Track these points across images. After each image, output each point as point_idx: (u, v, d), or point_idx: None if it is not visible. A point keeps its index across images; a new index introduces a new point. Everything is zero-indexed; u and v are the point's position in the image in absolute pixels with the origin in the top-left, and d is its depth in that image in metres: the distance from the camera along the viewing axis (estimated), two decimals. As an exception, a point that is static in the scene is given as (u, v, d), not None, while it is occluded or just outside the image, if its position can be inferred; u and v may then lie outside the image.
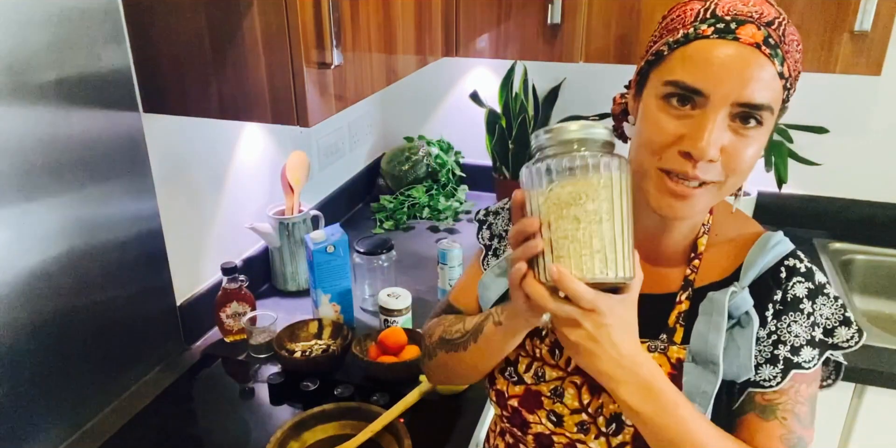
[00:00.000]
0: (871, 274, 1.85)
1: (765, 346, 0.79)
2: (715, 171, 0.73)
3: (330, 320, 1.42)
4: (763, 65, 0.70)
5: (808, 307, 0.80)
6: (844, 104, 1.85)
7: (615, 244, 0.66)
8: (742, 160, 0.73)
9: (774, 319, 0.80)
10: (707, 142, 0.70)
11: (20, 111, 0.97)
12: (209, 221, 1.48)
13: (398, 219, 2.02)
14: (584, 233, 0.66)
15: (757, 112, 0.71)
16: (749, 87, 0.70)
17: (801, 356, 0.79)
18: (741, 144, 0.72)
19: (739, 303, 0.78)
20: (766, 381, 0.79)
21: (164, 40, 1.10)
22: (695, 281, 0.83)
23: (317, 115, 1.10)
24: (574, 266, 0.66)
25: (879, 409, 1.46)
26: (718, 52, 0.71)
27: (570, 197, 0.66)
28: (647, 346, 0.81)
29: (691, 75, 0.71)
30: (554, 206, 0.66)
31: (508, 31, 1.62)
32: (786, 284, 0.80)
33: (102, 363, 1.19)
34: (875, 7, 1.37)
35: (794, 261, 0.81)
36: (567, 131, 0.68)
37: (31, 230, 1.02)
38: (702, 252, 0.84)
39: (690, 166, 0.72)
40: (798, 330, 0.79)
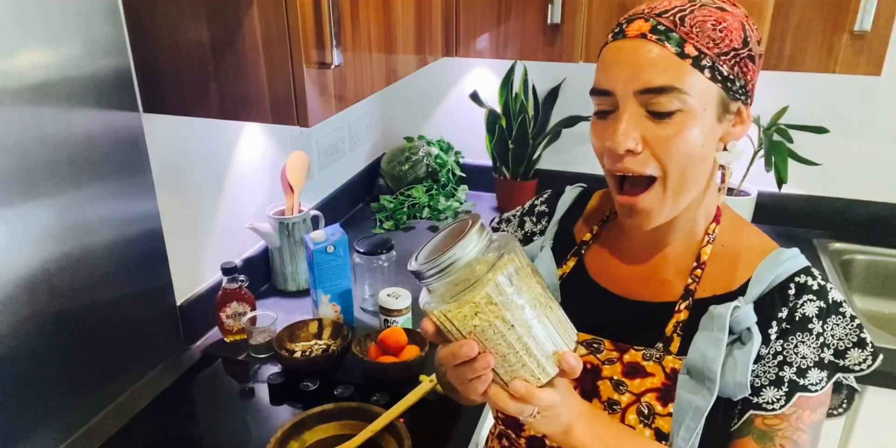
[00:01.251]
0: (871, 274, 1.85)
1: (769, 367, 0.77)
2: (650, 164, 0.74)
3: (330, 320, 1.42)
4: (651, 49, 0.72)
5: (817, 327, 0.77)
6: (844, 104, 1.85)
7: (527, 349, 0.65)
8: (671, 150, 0.73)
9: (781, 339, 0.77)
10: (619, 132, 0.73)
11: (20, 111, 0.97)
12: (209, 221, 1.48)
13: (398, 219, 2.02)
14: (496, 354, 0.65)
15: (661, 97, 0.72)
16: (643, 74, 0.72)
17: (807, 379, 0.76)
18: (663, 131, 0.73)
19: (741, 318, 0.76)
20: (768, 403, 0.77)
21: (164, 40, 1.10)
22: (696, 291, 0.82)
23: (317, 115, 1.10)
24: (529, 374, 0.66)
25: (879, 409, 1.46)
26: (612, 52, 0.75)
27: (460, 327, 0.64)
28: (643, 354, 0.81)
29: (599, 79, 0.76)
30: (452, 336, 0.65)
31: (508, 31, 1.62)
32: (794, 302, 0.78)
33: (102, 363, 1.19)
34: (875, 7, 1.37)
35: (807, 278, 0.79)
36: (429, 263, 0.63)
37: (31, 230, 1.02)
38: (705, 262, 0.83)
39: (618, 160, 0.75)
40: (805, 351, 0.77)
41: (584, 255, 0.91)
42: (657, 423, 0.79)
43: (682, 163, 0.74)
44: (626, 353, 0.82)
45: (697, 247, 0.84)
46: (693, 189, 0.77)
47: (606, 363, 0.83)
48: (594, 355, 0.83)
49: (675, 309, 0.82)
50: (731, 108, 0.76)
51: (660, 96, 0.72)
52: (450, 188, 2.14)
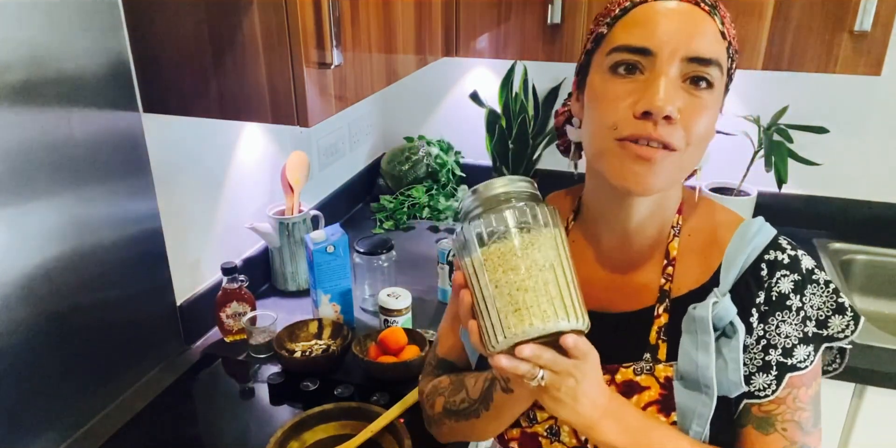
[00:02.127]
0: (871, 274, 1.85)
1: (755, 354, 0.75)
2: (678, 135, 0.69)
3: (330, 320, 1.42)
4: (706, 19, 0.70)
5: (795, 302, 0.75)
6: (844, 104, 1.85)
7: (570, 290, 0.64)
8: (699, 124, 0.69)
9: (761, 323, 0.75)
10: (664, 96, 0.67)
11: (20, 111, 0.97)
12: (209, 221, 1.48)
13: (398, 219, 2.02)
14: (538, 281, 0.63)
15: (707, 68, 0.69)
16: (696, 40, 0.68)
17: (794, 357, 0.75)
18: (695, 106, 0.69)
19: (722, 314, 0.73)
20: (760, 390, 0.75)
21: (164, 40, 1.10)
22: (671, 291, 0.78)
23: (317, 115, 1.10)
24: (535, 316, 0.62)
25: (879, 409, 1.46)
26: (660, 11, 0.69)
27: (514, 249, 0.64)
28: (633, 369, 0.78)
29: (635, 36, 0.69)
30: (499, 261, 0.64)
31: (508, 31, 1.62)
32: (769, 282, 0.75)
33: (102, 363, 1.19)
34: (875, 7, 1.37)
35: (776, 253, 0.76)
36: (492, 188, 0.68)
37: (31, 230, 1.02)
38: (675, 257, 0.79)
39: (651, 126, 0.68)
40: (788, 329, 0.75)
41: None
42: None
43: (701, 139, 0.71)
44: (616, 373, 0.78)
45: (665, 243, 0.80)
46: (691, 168, 0.75)
47: None
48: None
49: (654, 314, 0.78)
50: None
51: (708, 67, 0.69)
52: (450, 188, 2.14)
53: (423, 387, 0.96)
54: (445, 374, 0.93)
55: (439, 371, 0.95)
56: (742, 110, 1.90)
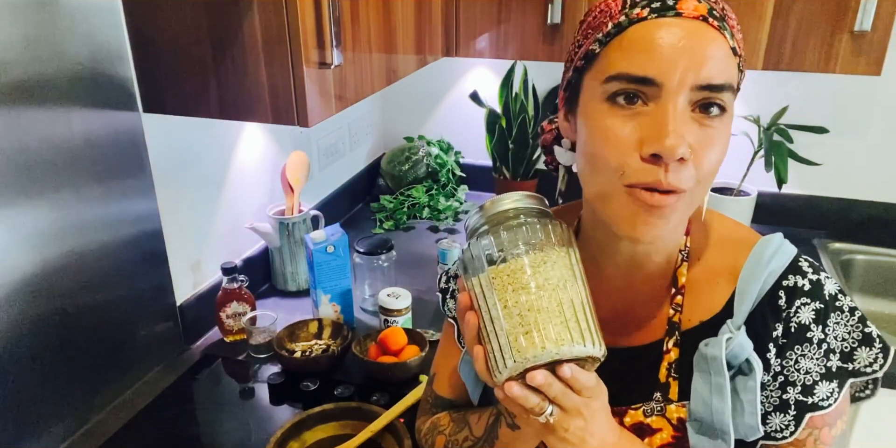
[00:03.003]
0: (871, 274, 1.85)
1: (771, 392, 0.68)
2: (689, 174, 0.60)
3: (330, 320, 1.42)
4: (715, 39, 0.60)
5: (817, 334, 0.67)
6: (844, 104, 1.85)
7: (585, 312, 0.59)
8: (711, 158, 0.61)
9: (778, 357, 0.67)
10: (675, 136, 0.58)
11: (20, 111, 0.97)
12: (209, 221, 1.48)
13: (398, 219, 2.02)
14: (551, 301, 0.58)
15: (720, 94, 0.60)
16: (707, 66, 0.59)
17: (815, 395, 0.67)
18: (708, 139, 0.60)
19: (737, 351, 0.66)
20: (777, 431, 0.68)
21: (164, 40, 1.10)
22: (681, 322, 0.71)
23: (317, 115, 1.10)
24: (548, 339, 0.57)
25: (879, 409, 1.46)
26: (662, 32, 0.59)
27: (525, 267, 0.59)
28: (643, 411, 0.71)
29: (636, 64, 0.59)
30: (508, 280, 0.59)
31: (508, 31, 1.62)
32: (787, 312, 0.67)
33: (102, 363, 1.19)
34: (875, 7, 1.37)
35: (795, 278, 0.67)
36: (500, 205, 0.63)
37: (31, 230, 1.02)
38: (683, 285, 0.71)
39: (662, 173, 0.59)
40: (808, 365, 0.67)
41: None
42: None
43: (711, 173, 0.63)
44: (625, 416, 0.72)
45: (673, 269, 0.72)
46: (700, 201, 0.66)
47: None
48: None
49: (663, 349, 0.71)
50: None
51: (721, 93, 0.60)
52: (450, 188, 2.14)
53: (421, 425, 0.90)
54: (445, 412, 0.87)
55: (437, 409, 0.89)
56: (742, 110, 1.90)
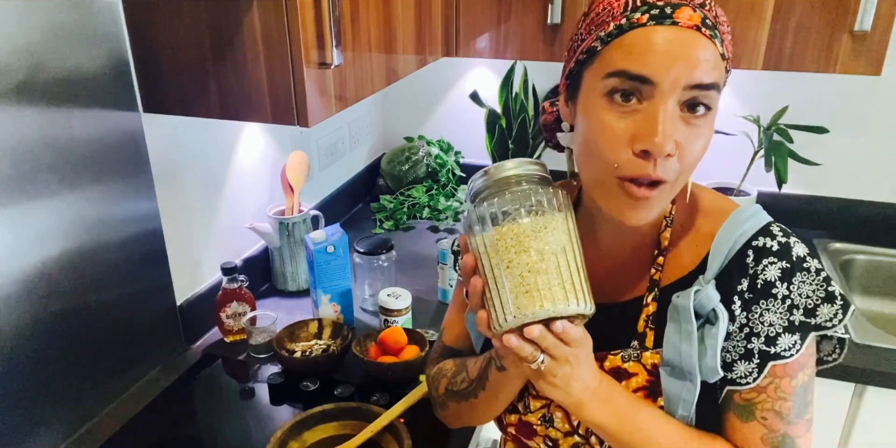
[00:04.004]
0: (871, 274, 1.85)
1: (738, 342, 0.75)
2: (674, 168, 0.69)
3: (330, 320, 1.42)
4: (706, 46, 0.67)
5: (782, 290, 0.73)
6: (844, 104, 1.85)
7: (580, 275, 0.66)
8: (694, 152, 0.69)
9: (745, 311, 0.74)
10: (663, 135, 0.66)
11: (20, 111, 0.97)
12: (209, 221, 1.48)
13: (398, 219, 2.02)
14: (550, 264, 0.64)
15: (706, 93, 0.67)
16: (698, 69, 0.66)
17: (778, 346, 0.73)
18: (692, 136, 0.69)
19: (704, 301, 0.73)
20: (741, 378, 0.75)
21: (164, 40, 1.10)
22: (661, 280, 0.79)
23: (317, 115, 1.10)
24: (546, 298, 0.64)
25: (879, 409, 1.46)
26: (660, 38, 0.67)
27: (527, 231, 0.65)
28: (621, 356, 0.79)
29: (634, 63, 0.67)
30: (511, 242, 0.65)
31: (508, 31, 1.62)
32: (754, 269, 0.74)
33: (102, 363, 1.19)
34: (875, 7, 1.37)
35: (765, 239, 0.74)
36: (504, 170, 0.68)
37: (31, 230, 1.02)
38: (666, 248, 0.79)
39: (651, 166, 0.68)
40: (772, 318, 0.74)
41: None
42: None
43: (694, 164, 0.71)
44: (605, 360, 0.80)
45: (657, 233, 0.80)
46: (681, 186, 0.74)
47: None
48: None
49: (643, 303, 0.79)
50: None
51: (708, 92, 0.68)
52: (450, 188, 2.14)
53: (430, 371, 0.99)
54: (450, 359, 0.95)
55: (444, 358, 0.98)
56: (742, 110, 1.90)
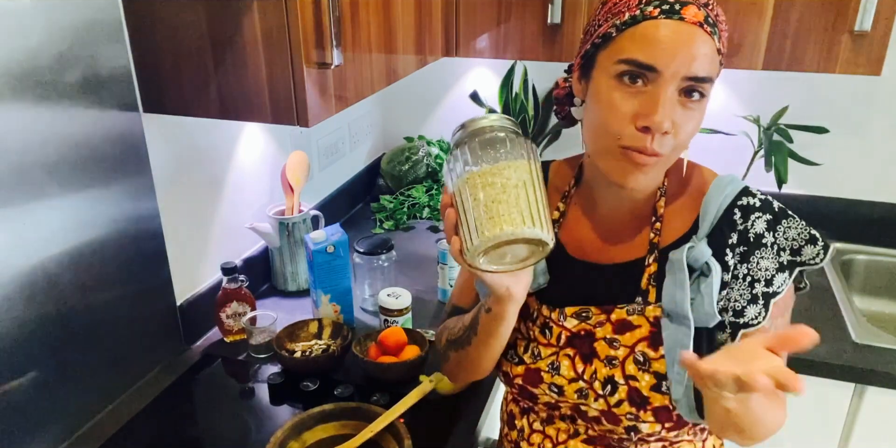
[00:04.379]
0: (871, 274, 1.85)
1: (743, 290, 0.85)
2: (669, 143, 0.79)
3: (330, 320, 1.42)
4: (706, 41, 0.78)
5: (770, 238, 0.85)
6: (844, 104, 1.85)
7: (538, 207, 0.73)
8: (688, 131, 0.80)
9: (744, 262, 0.85)
10: (662, 115, 0.77)
11: (21, 111, 0.97)
12: (209, 221, 1.48)
13: (398, 219, 2.02)
14: (511, 195, 0.73)
15: (701, 85, 0.78)
16: (697, 62, 0.77)
17: (774, 285, 0.84)
18: (686, 117, 0.79)
19: (697, 255, 0.83)
20: (753, 319, 0.84)
21: (164, 40, 1.10)
22: (659, 243, 0.89)
23: (317, 115, 1.10)
24: (506, 222, 0.71)
25: (879, 409, 1.46)
26: (668, 31, 0.77)
27: (494, 171, 0.74)
28: (626, 310, 0.88)
29: (644, 53, 0.77)
30: (479, 180, 0.74)
31: (508, 31, 1.62)
32: (744, 225, 0.85)
33: (102, 363, 1.19)
34: (875, 7, 1.37)
35: (747, 198, 0.86)
36: (478, 122, 0.79)
37: (31, 230, 1.02)
38: (662, 214, 0.90)
39: (648, 140, 0.78)
40: (766, 264, 0.85)
41: (557, 233, 0.96)
42: (653, 366, 0.87)
43: (686, 141, 0.82)
44: (612, 313, 0.89)
45: (653, 202, 0.91)
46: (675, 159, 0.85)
47: (598, 326, 0.90)
48: (586, 322, 0.90)
49: (645, 264, 0.89)
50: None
51: (703, 84, 0.78)
52: (450, 188, 2.13)
53: (438, 330, 1.07)
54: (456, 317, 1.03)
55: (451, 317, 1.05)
56: (742, 110, 1.90)
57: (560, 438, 0.97)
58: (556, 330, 0.91)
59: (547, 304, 0.93)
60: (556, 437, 0.97)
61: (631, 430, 0.89)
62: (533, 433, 1.00)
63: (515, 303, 0.83)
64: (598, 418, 0.90)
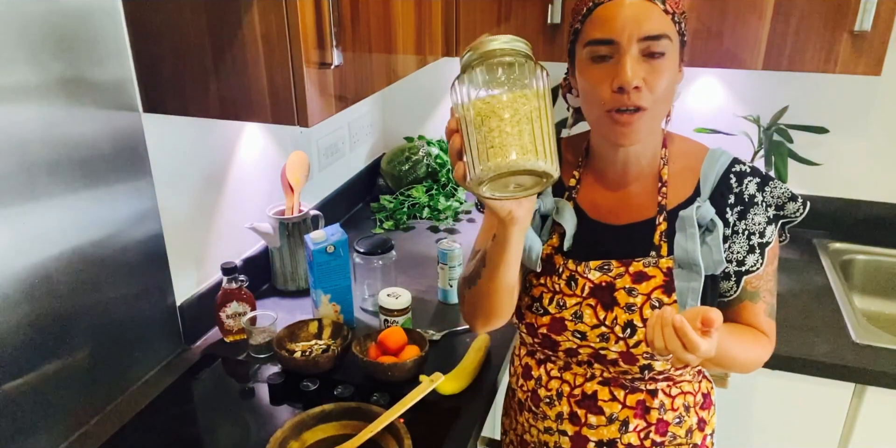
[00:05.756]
0: (871, 274, 1.85)
1: (743, 242, 1.00)
2: (646, 98, 0.91)
3: (330, 320, 1.42)
4: (650, 8, 0.91)
5: (759, 197, 1.00)
6: (844, 104, 1.85)
7: (545, 140, 0.74)
8: (660, 84, 0.91)
9: (742, 219, 1.00)
10: (627, 72, 0.89)
11: (21, 111, 0.97)
12: (209, 221, 1.48)
13: (398, 219, 2.02)
14: (516, 127, 0.73)
15: (658, 42, 0.90)
16: (645, 24, 0.90)
17: (766, 236, 1.00)
18: (655, 71, 0.91)
19: (704, 213, 0.98)
20: (753, 266, 1.00)
21: (164, 40, 1.10)
22: (667, 205, 1.02)
23: (317, 115, 1.10)
24: (509, 154, 0.73)
25: (879, 409, 1.46)
26: (616, 8, 0.91)
27: (500, 100, 0.73)
28: (643, 263, 1.00)
29: (601, 31, 0.92)
30: (488, 108, 0.73)
31: (508, 31, 1.62)
32: (739, 188, 1.00)
33: (102, 363, 1.19)
34: (875, 7, 1.37)
35: (739, 166, 1.02)
36: (490, 44, 0.76)
37: (31, 230, 1.02)
38: (666, 180, 1.03)
39: (626, 97, 0.91)
40: (759, 218, 1.00)
41: (576, 198, 1.07)
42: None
43: (663, 95, 0.93)
44: (630, 266, 1.01)
45: (657, 170, 1.04)
46: (663, 116, 0.97)
47: (617, 278, 1.01)
48: (607, 274, 1.02)
49: (656, 223, 1.02)
50: (682, 57, 0.97)
51: (658, 41, 0.90)
52: (450, 188, 2.14)
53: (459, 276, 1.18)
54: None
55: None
56: (742, 110, 1.90)
57: (577, 382, 1.08)
58: (581, 282, 1.02)
59: (573, 259, 1.03)
60: (573, 381, 1.08)
61: (645, 369, 1.02)
62: (551, 380, 1.10)
63: (519, 226, 0.89)
64: (616, 360, 1.02)
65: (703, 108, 1.95)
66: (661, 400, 1.06)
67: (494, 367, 1.35)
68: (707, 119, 1.93)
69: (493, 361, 1.37)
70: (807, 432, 1.54)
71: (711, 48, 1.51)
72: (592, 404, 1.07)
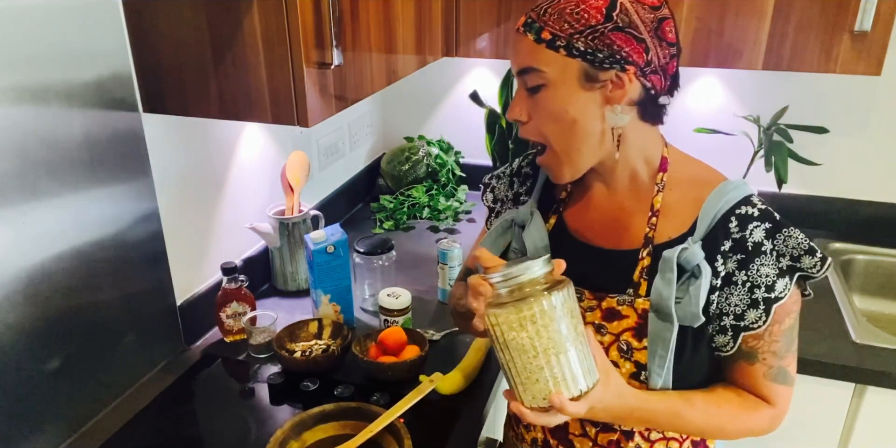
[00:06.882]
0: (871, 274, 1.85)
1: (743, 295, 0.88)
2: (532, 130, 0.90)
3: (330, 320, 1.42)
4: (521, 40, 0.88)
5: (769, 246, 0.87)
6: (844, 104, 1.85)
7: (581, 363, 0.77)
8: (543, 119, 0.89)
9: (743, 269, 0.87)
10: (512, 108, 0.91)
11: (21, 111, 0.97)
12: (209, 221, 1.48)
13: (398, 219, 2.02)
14: (551, 360, 0.75)
15: (529, 76, 0.87)
16: (517, 58, 0.89)
17: (776, 290, 0.87)
18: (537, 107, 0.89)
19: (690, 257, 0.86)
20: (753, 323, 0.88)
21: (164, 40, 1.10)
22: (654, 238, 0.92)
23: (317, 115, 1.10)
24: (553, 388, 0.76)
25: (879, 409, 1.46)
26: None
27: (533, 340, 0.75)
28: (616, 300, 0.92)
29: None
30: (520, 347, 0.76)
31: (508, 31, 1.62)
32: (741, 234, 0.87)
33: (102, 363, 1.19)
34: (875, 7, 1.37)
35: (746, 208, 0.88)
36: (514, 277, 0.76)
37: (31, 230, 1.02)
38: (658, 210, 0.92)
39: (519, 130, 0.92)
40: (767, 270, 0.87)
41: (562, 212, 1.02)
42: (635, 356, 0.91)
43: (556, 128, 0.88)
44: (603, 300, 0.93)
45: (650, 196, 0.93)
46: (583, 148, 0.89)
47: (588, 310, 0.94)
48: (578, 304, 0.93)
49: (639, 256, 0.92)
50: (602, 76, 0.85)
51: (527, 75, 0.87)
52: (450, 188, 2.14)
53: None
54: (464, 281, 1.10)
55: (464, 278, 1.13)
56: (742, 110, 1.90)
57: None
58: None
59: None
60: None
61: None
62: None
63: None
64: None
65: (703, 107, 1.95)
66: (638, 443, 0.97)
67: (494, 367, 1.35)
68: (707, 119, 1.93)
69: (493, 361, 1.37)
70: (807, 432, 1.54)
71: (711, 48, 1.51)
72: (563, 437, 1.01)
